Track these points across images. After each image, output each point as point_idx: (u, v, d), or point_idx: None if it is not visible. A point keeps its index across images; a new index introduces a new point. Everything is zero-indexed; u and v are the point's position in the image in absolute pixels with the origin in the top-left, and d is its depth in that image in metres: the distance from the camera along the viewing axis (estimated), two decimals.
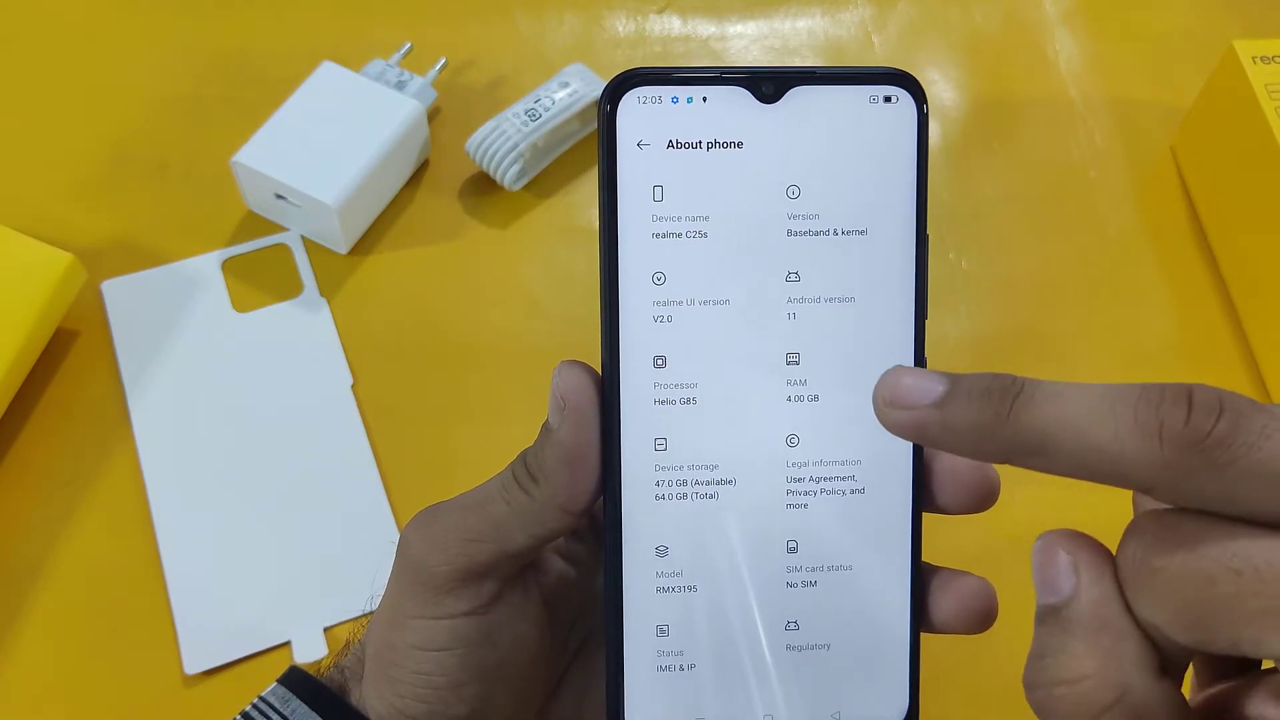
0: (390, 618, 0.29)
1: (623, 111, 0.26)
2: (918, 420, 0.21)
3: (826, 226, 0.27)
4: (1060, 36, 0.63)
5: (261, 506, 0.48)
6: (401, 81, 0.56)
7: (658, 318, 0.27)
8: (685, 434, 0.27)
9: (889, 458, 0.27)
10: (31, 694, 0.44)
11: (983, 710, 0.45)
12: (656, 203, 0.26)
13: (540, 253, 0.55)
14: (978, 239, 0.56)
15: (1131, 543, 0.20)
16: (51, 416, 0.49)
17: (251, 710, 0.30)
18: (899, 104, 0.26)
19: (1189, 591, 0.19)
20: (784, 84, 0.26)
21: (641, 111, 0.26)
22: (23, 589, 0.45)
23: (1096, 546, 0.21)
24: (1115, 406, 0.19)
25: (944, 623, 0.28)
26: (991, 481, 0.28)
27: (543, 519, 0.27)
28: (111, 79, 0.59)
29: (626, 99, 0.26)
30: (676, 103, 0.26)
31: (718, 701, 0.28)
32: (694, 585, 0.27)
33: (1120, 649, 0.20)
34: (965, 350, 0.53)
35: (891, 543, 0.28)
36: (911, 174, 0.27)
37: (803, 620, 0.28)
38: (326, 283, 0.54)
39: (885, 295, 0.27)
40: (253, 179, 0.53)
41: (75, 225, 0.54)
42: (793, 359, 0.27)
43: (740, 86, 0.26)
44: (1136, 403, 0.19)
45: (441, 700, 0.28)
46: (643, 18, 0.63)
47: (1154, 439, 0.19)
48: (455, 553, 0.28)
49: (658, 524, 0.27)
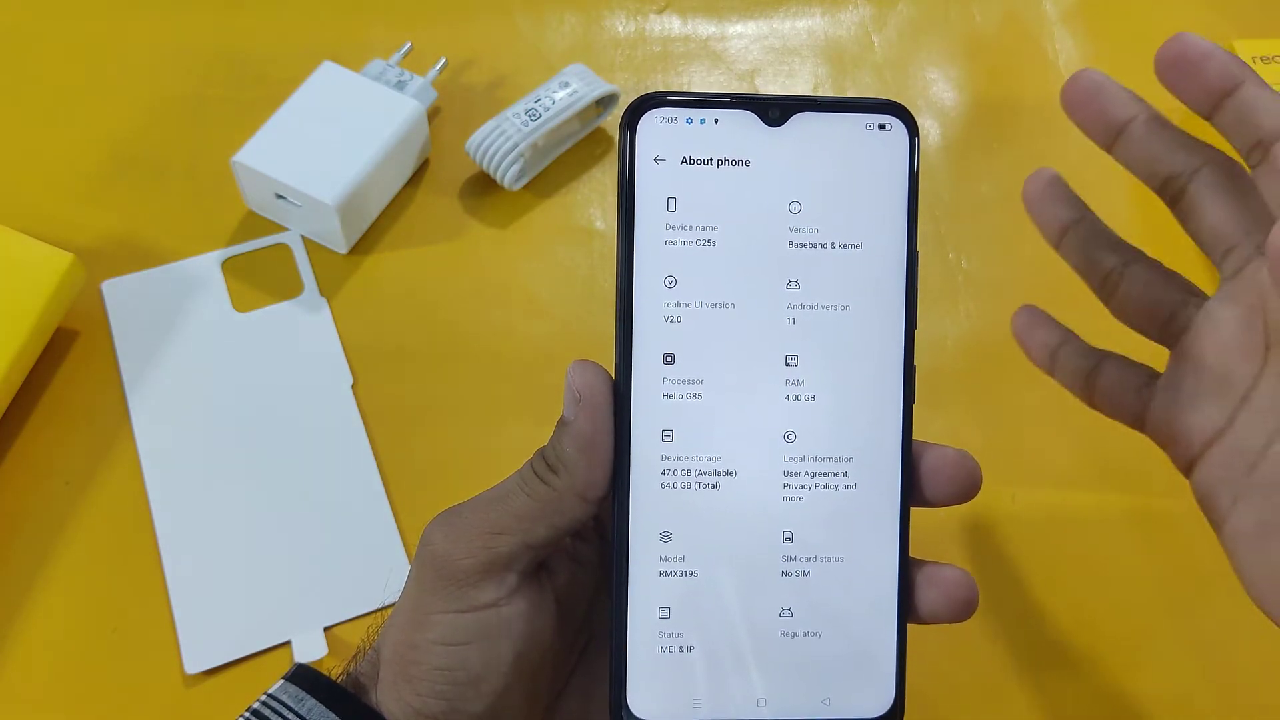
0: (410, 618, 0.30)
1: (642, 129, 0.29)
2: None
3: (825, 240, 0.29)
4: (1060, 36, 0.63)
5: (261, 506, 0.48)
6: (401, 81, 0.56)
7: (668, 318, 0.29)
8: (690, 427, 0.29)
9: (880, 455, 0.29)
10: (31, 694, 0.44)
11: (967, 702, 0.45)
12: (670, 213, 0.29)
13: (540, 253, 0.55)
14: (978, 239, 0.56)
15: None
16: (51, 416, 0.50)
17: (262, 708, 0.30)
18: (893, 131, 0.29)
19: None
20: (789, 110, 0.29)
21: (659, 130, 0.29)
22: (23, 589, 0.45)
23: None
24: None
25: (930, 613, 0.30)
26: (974, 474, 0.30)
27: (562, 508, 0.29)
28: (111, 79, 0.59)
29: (645, 118, 0.29)
30: (690, 123, 0.29)
31: (714, 683, 0.29)
32: (695, 570, 0.29)
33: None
34: (965, 350, 0.53)
35: (881, 535, 0.29)
36: (903, 195, 0.29)
37: (796, 608, 0.29)
38: (326, 283, 0.54)
39: (877, 304, 0.29)
40: (253, 179, 0.53)
41: (75, 225, 0.54)
42: (791, 360, 0.29)
43: (749, 111, 0.29)
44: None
45: (461, 696, 0.29)
46: (643, 18, 0.63)
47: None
48: (479, 546, 0.29)
49: (663, 511, 0.29)
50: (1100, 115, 0.31)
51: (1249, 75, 0.28)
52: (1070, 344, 0.34)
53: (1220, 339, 0.29)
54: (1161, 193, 0.31)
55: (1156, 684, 0.45)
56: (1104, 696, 0.45)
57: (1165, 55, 0.29)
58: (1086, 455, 0.50)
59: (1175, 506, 0.48)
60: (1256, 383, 0.28)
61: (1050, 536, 0.48)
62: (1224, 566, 0.28)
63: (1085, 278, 0.33)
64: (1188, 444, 0.30)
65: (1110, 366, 0.33)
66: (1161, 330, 0.31)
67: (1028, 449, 0.50)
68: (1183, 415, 0.30)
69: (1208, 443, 0.29)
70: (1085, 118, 0.31)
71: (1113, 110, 0.30)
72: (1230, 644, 0.46)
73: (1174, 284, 0.32)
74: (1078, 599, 0.47)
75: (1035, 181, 0.34)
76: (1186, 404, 0.30)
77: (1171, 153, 0.30)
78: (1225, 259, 0.30)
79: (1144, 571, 0.48)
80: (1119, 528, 0.48)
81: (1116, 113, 0.30)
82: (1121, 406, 0.32)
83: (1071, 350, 0.34)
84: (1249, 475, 0.28)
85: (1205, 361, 0.30)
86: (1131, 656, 0.46)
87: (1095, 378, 0.33)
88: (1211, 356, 0.29)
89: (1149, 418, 0.32)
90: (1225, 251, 0.30)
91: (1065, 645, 0.46)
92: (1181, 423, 0.30)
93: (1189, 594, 0.47)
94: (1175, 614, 0.47)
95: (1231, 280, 0.29)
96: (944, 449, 0.30)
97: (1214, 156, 0.30)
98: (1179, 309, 0.31)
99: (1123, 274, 0.32)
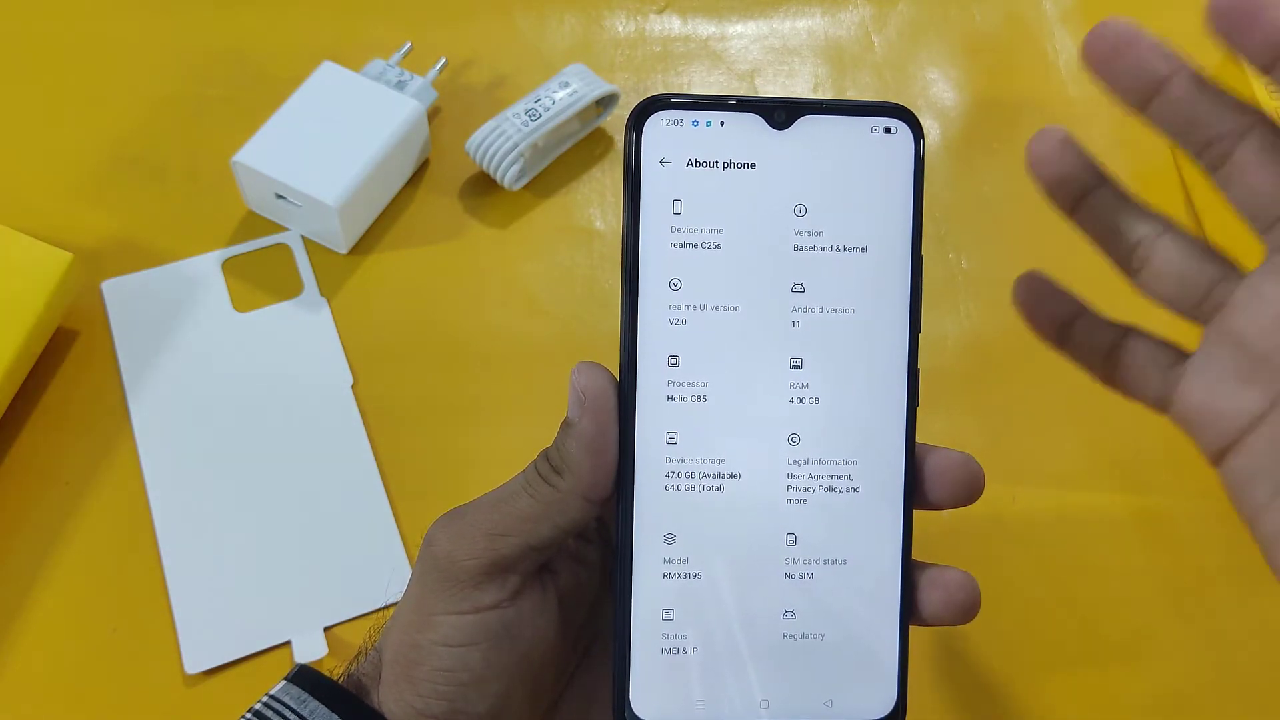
0: (413, 619, 0.30)
1: (648, 131, 0.29)
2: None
3: (830, 243, 0.29)
4: (1060, 36, 0.63)
5: (261, 506, 0.48)
6: (401, 81, 0.56)
7: (673, 320, 0.29)
8: (695, 429, 0.29)
9: (883, 458, 0.29)
10: (31, 694, 0.44)
11: (967, 702, 0.45)
12: (675, 215, 0.29)
13: (540, 253, 0.55)
14: (978, 239, 0.56)
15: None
16: (51, 416, 0.49)
17: (263, 709, 0.30)
18: (898, 135, 0.29)
19: None
20: (794, 112, 0.29)
21: (665, 132, 0.29)
22: (23, 589, 0.45)
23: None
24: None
25: (932, 615, 0.30)
26: (977, 478, 0.30)
27: (566, 509, 0.29)
28: (112, 79, 0.59)
29: (652, 120, 0.29)
30: (696, 126, 0.29)
31: (717, 684, 0.29)
32: (698, 572, 0.29)
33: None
34: (965, 350, 0.53)
35: (884, 539, 0.30)
36: (908, 198, 0.29)
37: (799, 610, 0.29)
38: (326, 283, 0.54)
39: (882, 307, 0.29)
40: (253, 179, 0.53)
41: (75, 225, 0.54)
42: (796, 363, 0.29)
43: (754, 113, 0.29)
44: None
45: (464, 697, 0.29)
46: (643, 18, 0.63)
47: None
48: (482, 547, 0.29)
49: (666, 512, 0.29)
50: (1135, 70, 0.27)
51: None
52: (1087, 317, 0.30)
53: (1265, 316, 0.27)
54: (1200, 157, 0.28)
55: (1156, 684, 0.45)
56: (1104, 696, 0.45)
57: (1220, 4, 0.25)
58: (1087, 455, 0.50)
59: (1176, 506, 0.48)
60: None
61: (1050, 536, 0.48)
62: (1223, 567, 0.28)
63: (1108, 249, 0.30)
64: (1222, 430, 0.27)
65: (1135, 342, 0.30)
66: (1198, 306, 0.28)
67: (1028, 449, 0.50)
68: (1218, 398, 0.27)
69: (1245, 429, 0.27)
70: (1117, 73, 0.27)
71: (1151, 65, 0.27)
72: (1230, 644, 0.46)
73: (1210, 256, 0.29)
74: (1078, 599, 0.47)
75: (1043, 142, 0.29)
76: (1222, 386, 0.27)
77: (1218, 114, 0.27)
78: (1272, 230, 0.27)
79: (1145, 571, 0.48)
80: (1120, 527, 0.48)
81: (1155, 67, 0.27)
82: (1146, 387, 0.29)
83: (1089, 324, 0.30)
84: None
85: (1247, 341, 0.27)
86: (1131, 656, 0.46)
87: (1118, 354, 0.30)
88: (1254, 335, 0.27)
89: (1177, 399, 0.29)
90: (1274, 221, 0.27)
91: (1065, 645, 0.46)
92: (1216, 406, 0.27)
93: (1190, 594, 0.47)
94: (1176, 614, 0.47)
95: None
96: (947, 452, 0.30)
97: (1263, 119, 0.27)
98: (1219, 282, 0.28)
99: (1154, 245, 0.29)
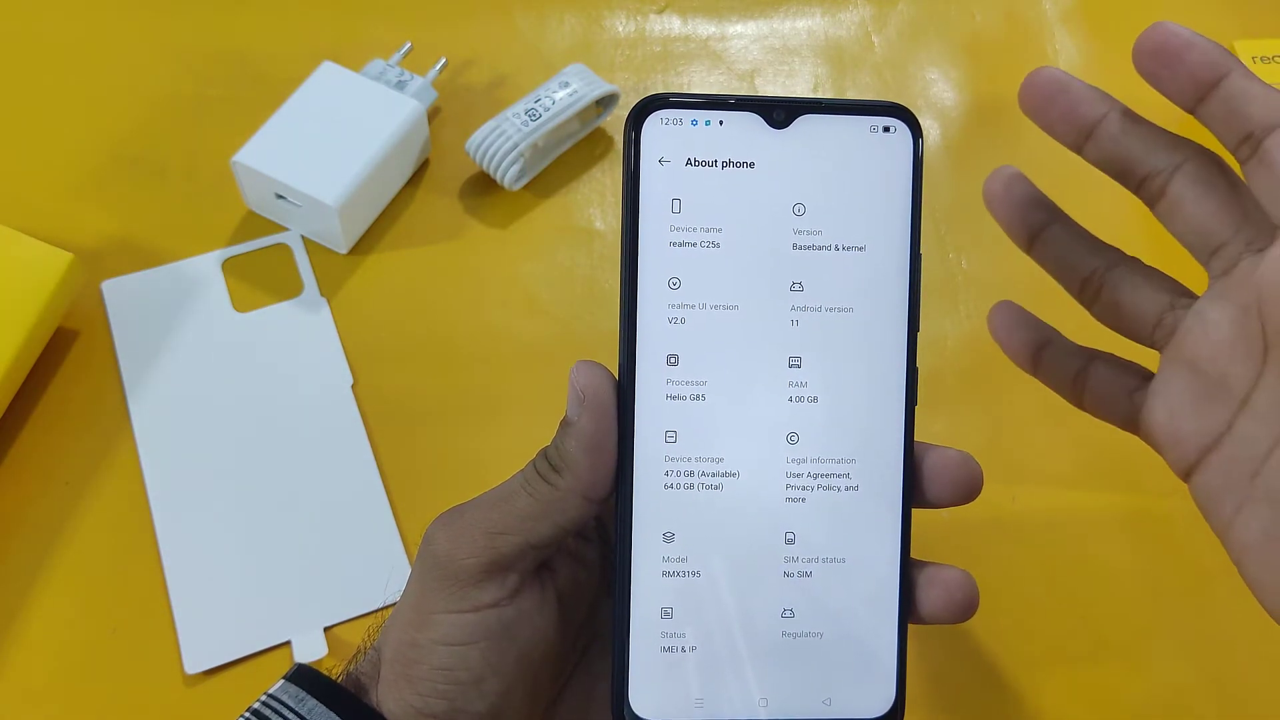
0: (412, 617, 0.30)
1: (647, 131, 0.29)
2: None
3: (829, 242, 0.29)
4: (1060, 36, 0.63)
5: (261, 506, 0.48)
6: (401, 81, 0.56)
7: (672, 319, 0.29)
8: (694, 428, 0.29)
9: (882, 457, 0.30)
10: (31, 694, 0.44)
11: (967, 702, 0.45)
12: (674, 214, 0.29)
13: (540, 253, 0.55)
14: (978, 239, 0.56)
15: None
16: (51, 416, 0.49)
17: (262, 708, 0.30)
18: (897, 134, 0.29)
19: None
20: (793, 112, 0.29)
21: (664, 131, 0.29)
22: (23, 589, 0.45)
23: None
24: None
25: (931, 613, 0.30)
26: (975, 476, 0.30)
27: (565, 508, 0.29)
28: (111, 79, 0.59)
29: (651, 119, 0.29)
30: (695, 125, 0.29)
31: (715, 683, 0.29)
32: (697, 571, 0.29)
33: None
34: (965, 350, 0.53)
35: (883, 537, 0.30)
36: (907, 197, 0.29)
37: (798, 609, 0.29)
38: (326, 283, 0.54)
39: (881, 306, 0.29)
40: (253, 179, 0.53)
41: (75, 225, 0.54)
42: (795, 362, 0.29)
43: (754, 112, 0.29)
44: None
45: (463, 696, 0.29)
46: (643, 18, 0.63)
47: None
48: (482, 546, 0.29)
49: (665, 511, 0.29)
50: (1067, 116, 0.28)
51: (1235, 64, 0.27)
52: (1055, 344, 0.32)
53: (1214, 341, 0.28)
54: (1140, 192, 0.29)
55: (1156, 684, 0.45)
56: (1104, 696, 0.45)
57: (1144, 45, 0.27)
58: (1087, 456, 0.50)
59: (1174, 506, 0.48)
60: (1256, 386, 0.27)
61: (1050, 536, 0.48)
62: (1223, 566, 0.28)
63: (1064, 283, 0.32)
64: (1186, 450, 0.29)
65: (1100, 368, 0.31)
66: (1150, 334, 0.30)
67: (1028, 449, 0.50)
68: (1178, 421, 0.29)
69: (1206, 449, 0.28)
70: (1050, 120, 0.29)
71: (1081, 110, 0.28)
72: (1229, 644, 0.46)
73: (1160, 285, 0.30)
74: (1078, 599, 0.47)
75: (994, 182, 0.31)
76: (1182, 409, 0.29)
77: (1150, 150, 0.28)
78: (1214, 257, 0.28)
79: (1143, 571, 0.48)
80: (1119, 528, 0.48)
81: (1085, 112, 0.28)
82: (1114, 410, 0.31)
83: (1057, 351, 0.32)
84: (1251, 482, 0.27)
85: (1199, 365, 0.28)
86: (1131, 656, 0.46)
87: (1084, 380, 0.31)
88: (1206, 359, 0.28)
89: (1142, 422, 0.30)
90: (1214, 250, 0.28)
91: (1065, 645, 0.46)
92: (1178, 428, 0.29)
93: (1188, 594, 0.47)
94: (1174, 614, 0.47)
95: (1222, 279, 0.28)
96: (946, 451, 0.30)
97: (1195, 151, 0.28)
98: (1167, 311, 0.29)
99: (1104, 278, 0.31)
